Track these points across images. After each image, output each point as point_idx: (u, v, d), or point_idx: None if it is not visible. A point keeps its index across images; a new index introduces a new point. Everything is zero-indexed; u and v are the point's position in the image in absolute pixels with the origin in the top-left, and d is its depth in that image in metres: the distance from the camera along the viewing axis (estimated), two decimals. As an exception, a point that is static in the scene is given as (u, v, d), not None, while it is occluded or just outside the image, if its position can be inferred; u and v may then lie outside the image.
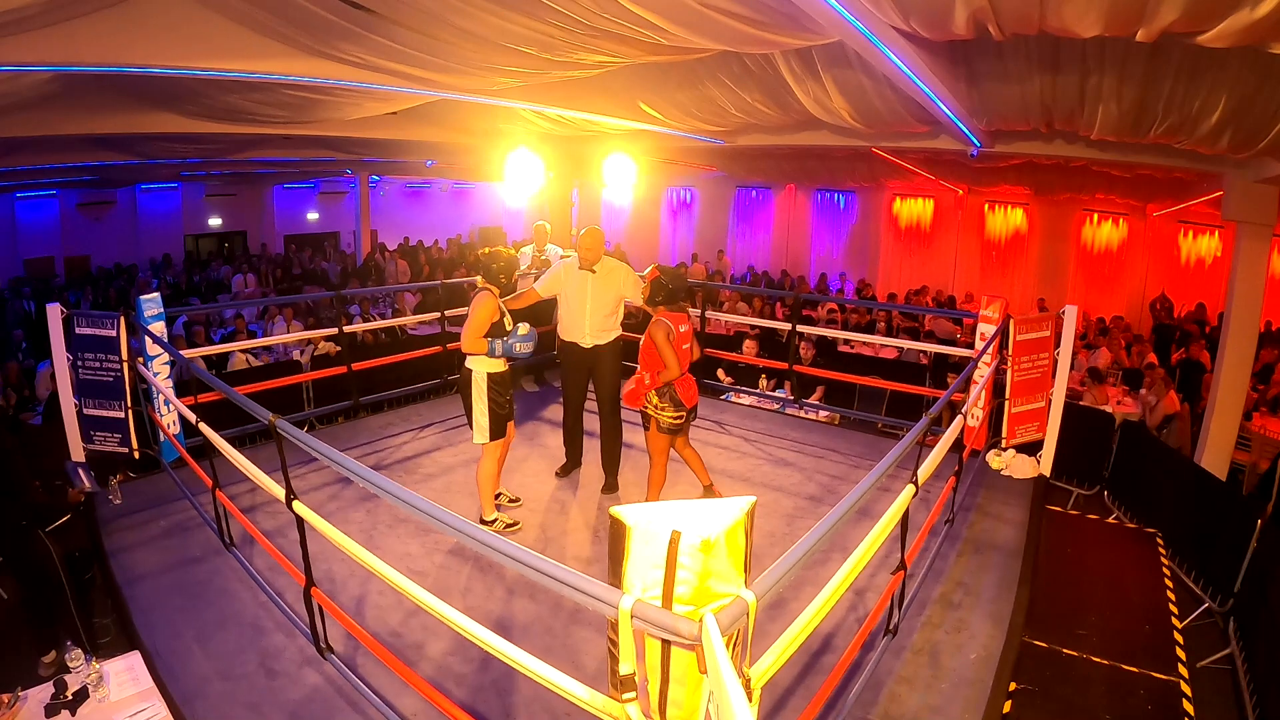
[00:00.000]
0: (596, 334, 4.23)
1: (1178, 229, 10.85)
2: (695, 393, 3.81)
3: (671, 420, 3.74)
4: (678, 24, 3.23)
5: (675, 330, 3.66)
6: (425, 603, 2.04)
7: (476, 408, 3.71)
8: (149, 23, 3.61)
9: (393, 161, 13.40)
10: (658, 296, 3.74)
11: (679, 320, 3.72)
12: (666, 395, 3.70)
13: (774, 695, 2.69)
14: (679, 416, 3.74)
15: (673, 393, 3.69)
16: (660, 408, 3.72)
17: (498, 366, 3.73)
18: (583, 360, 4.29)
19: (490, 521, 3.84)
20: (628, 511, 1.40)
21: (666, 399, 3.70)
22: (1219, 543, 4.44)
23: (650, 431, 3.82)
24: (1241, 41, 2.75)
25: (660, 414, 3.73)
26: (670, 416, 3.73)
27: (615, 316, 4.30)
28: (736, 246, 15.16)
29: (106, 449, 4.33)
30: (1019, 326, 4.78)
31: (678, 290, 3.75)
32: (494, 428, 3.74)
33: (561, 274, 4.22)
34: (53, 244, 13.41)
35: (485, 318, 3.64)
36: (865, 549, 2.16)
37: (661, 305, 3.74)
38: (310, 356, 7.39)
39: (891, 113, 5.20)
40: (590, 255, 4.11)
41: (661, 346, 3.60)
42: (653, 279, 3.77)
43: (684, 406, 3.72)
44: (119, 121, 6.17)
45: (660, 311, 3.72)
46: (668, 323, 3.65)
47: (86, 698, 2.39)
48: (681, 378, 3.71)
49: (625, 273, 4.25)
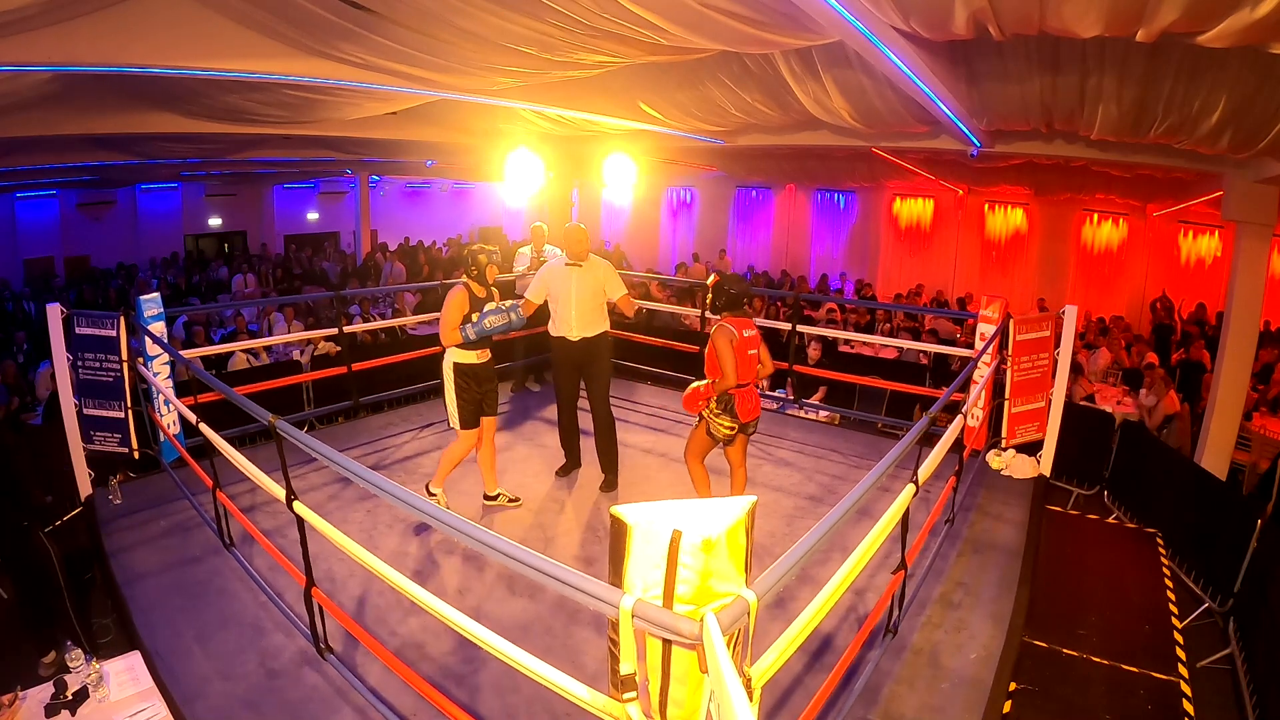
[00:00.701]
0: (584, 327, 4.27)
1: (1178, 229, 10.85)
2: (756, 406, 3.67)
3: (724, 430, 3.62)
4: (678, 24, 3.23)
5: (739, 335, 3.53)
6: (425, 603, 2.04)
7: (446, 396, 3.86)
8: (149, 23, 3.61)
9: (393, 161, 13.40)
10: (719, 301, 3.64)
11: (743, 325, 3.59)
12: (725, 405, 3.58)
13: (774, 695, 2.69)
14: (730, 427, 3.62)
15: (730, 404, 3.57)
16: (716, 414, 3.62)
17: (469, 358, 3.81)
18: (571, 355, 4.33)
19: (433, 494, 3.96)
20: (628, 511, 1.40)
21: (724, 409, 3.58)
22: (1219, 543, 4.44)
23: (695, 430, 3.73)
24: (1241, 41, 2.75)
25: (714, 420, 3.62)
26: (724, 426, 3.62)
27: (601, 311, 4.34)
28: (736, 246, 15.16)
29: (106, 449, 4.32)
30: (1019, 326, 4.78)
31: (740, 294, 3.63)
32: (464, 416, 3.83)
33: (546, 275, 4.30)
34: (53, 244, 13.41)
35: (455, 310, 3.74)
36: (865, 549, 2.15)
37: (724, 311, 3.63)
38: (310, 356, 7.39)
39: (891, 113, 5.20)
40: (575, 249, 4.19)
41: (723, 352, 3.49)
42: (714, 284, 3.66)
43: (739, 419, 3.60)
44: (119, 121, 6.17)
45: (725, 317, 3.61)
46: (731, 328, 3.54)
47: (86, 698, 2.39)
48: (744, 389, 3.59)
49: (607, 268, 4.29)
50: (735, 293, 3.63)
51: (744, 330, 3.58)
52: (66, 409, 4.19)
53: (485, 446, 4.03)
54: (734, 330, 3.54)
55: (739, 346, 3.54)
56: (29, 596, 3.49)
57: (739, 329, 3.56)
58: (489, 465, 4.09)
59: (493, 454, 4.09)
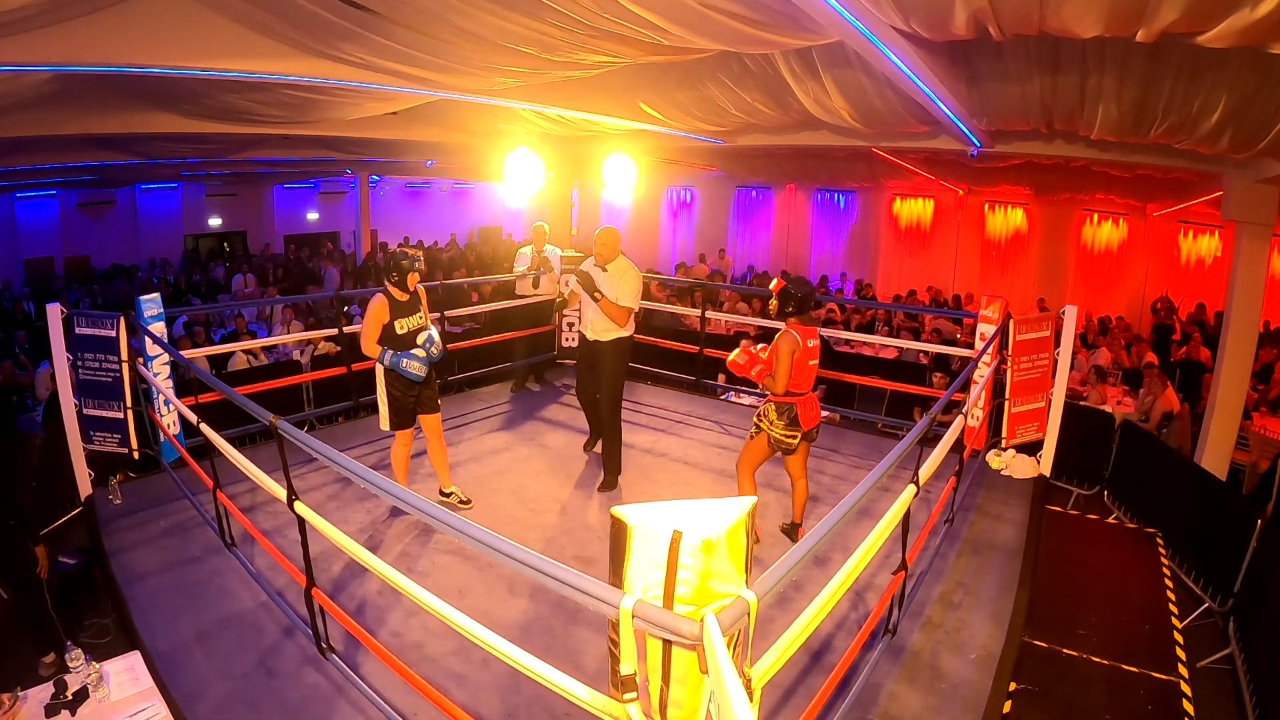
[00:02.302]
0: (598, 330, 4.33)
1: (1178, 229, 10.85)
2: (817, 414, 3.58)
3: (783, 436, 3.51)
4: (678, 24, 3.23)
5: (803, 345, 3.41)
6: (425, 603, 2.04)
7: (378, 395, 3.87)
8: (149, 23, 3.61)
9: (393, 161, 13.38)
10: (787, 307, 3.47)
11: (808, 335, 3.46)
12: (786, 412, 3.48)
13: (774, 695, 2.69)
14: (792, 435, 3.50)
15: (792, 411, 3.47)
16: (774, 423, 3.51)
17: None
18: (587, 352, 4.47)
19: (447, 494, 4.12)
20: (629, 511, 1.40)
21: (785, 416, 3.48)
22: (1219, 543, 4.44)
23: (754, 440, 3.60)
24: (1241, 41, 2.75)
25: (773, 429, 3.52)
26: (782, 433, 3.50)
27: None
28: (736, 246, 15.16)
29: (106, 449, 4.33)
30: (1019, 326, 4.78)
31: (807, 299, 3.47)
32: (393, 418, 3.86)
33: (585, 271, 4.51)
34: (53, 244, 13.41)
35: (373, 321, 3.71)
36: (866, 549, 2.15)
37: (792, 317, 3.47)
38: (310, 356, 7.39)
39: (891, 113, 5.20)
40: (603, 252, 4.28)
41: (781, 359, 3.38)
42: (779, 290, 3.50)
43: (800, 427, 3.50)
44: (119, 121, 6.17)
45: (791, 323, 3.46)
46: (796, 335, 3.41)
47: (86, 698, 2.39)
48: (804, 397, 3.49)
49: (628, 277, 4.28)
50: (802, 296, 3.46)
51: (808, 340, 3.46)
52: (66, 409, 4.19)
53: (433, 442, 4.00)
54: (799, 339, 3.41)
55: (800, 357, 3.42)
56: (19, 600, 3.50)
57: (804, 338, 3.43)
58: (440, 463, 4.08)
59: (443, 450, 4.05)
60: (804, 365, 3.46)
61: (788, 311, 3.48)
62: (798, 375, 3.46)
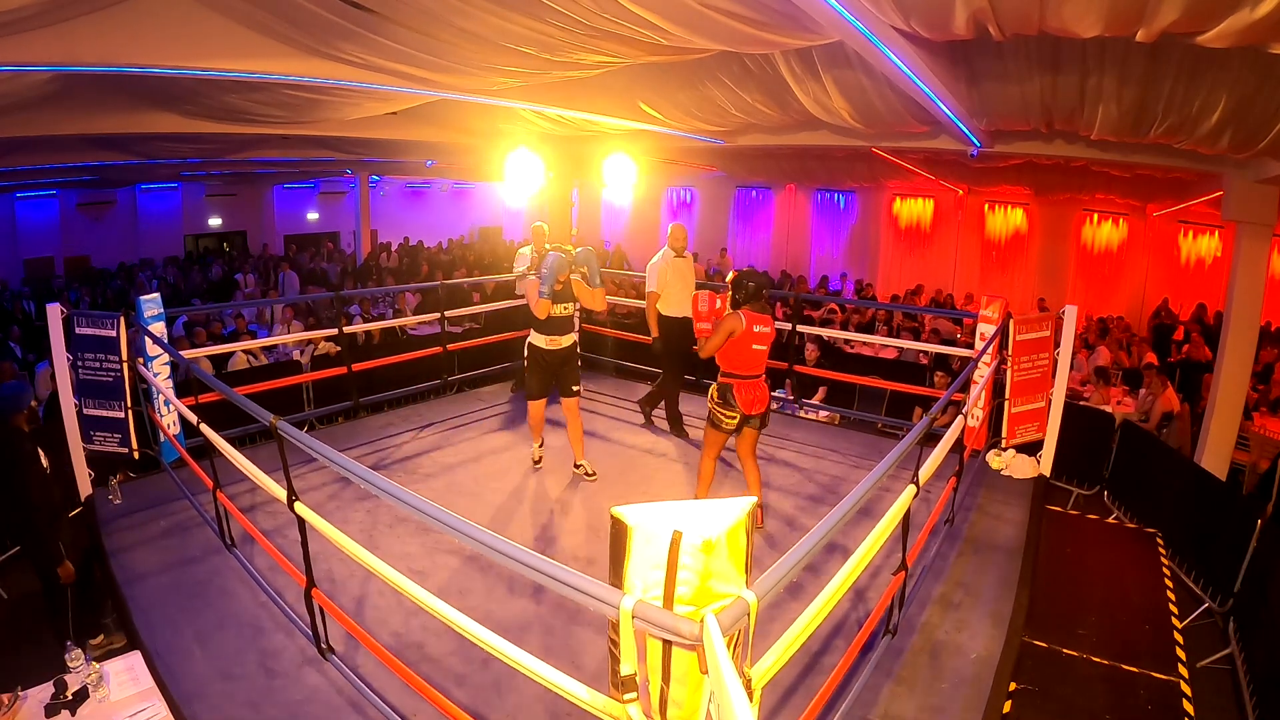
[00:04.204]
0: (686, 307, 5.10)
1: (1178, 229, 10.85)
2: (761, 400, 3.75)
3: (718, 413, 3.73)
4: (678, 24, 3.23)
5: (747, 328, 3.61)
6: (425, 603, 2.04)
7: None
8: (149, 23, 3.61)
9: (393, 161, 13.39)
10: (738, 295, 3.72)
11: (756, 320, 3.66)
12: (723, 392, 3.71)
13: (774, 695, 2.69)
14: (729, 416, 3.71)
15: (728, 391, 3.69)
16: (712, 398, 3.76)
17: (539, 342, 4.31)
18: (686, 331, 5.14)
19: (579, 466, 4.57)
20: (629, 512, 1.40)
21: (722, 395, 3.71)
22: (1219, 543, 4.44)
23: (706, 425, 3.87)
24: (1241, 41, 2.75)
25: (716, 410, 3.75)
26: (719, 410, 3.73)
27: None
28: (736, 246, 15.16)
29: (106, 449, 4.32)
30: (1019, 326, 4.77)
31: (759, 289, 3.72)
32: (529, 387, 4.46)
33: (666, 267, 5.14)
34: (53, 244, 13.41)
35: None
36: (866, 549, 2.15)
37: (743, 304, 3.70)
38: (310, 357, 7.39)
39: (891, 113, 5.20)
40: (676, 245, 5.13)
41: (718, 331, 3.64)
42: (733, 280, 3.77)
43: (736, 409, 3.69)
44: (119, 121, 6.17)
45: (744, 310, 3.68)
46: (741, 317, 3.62)
47: (86, 698, 2.39)
48: (744, 380, 3.69)
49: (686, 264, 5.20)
50: (753, 285, 3.71)
51: (755, 325, 3.64)
52: (66, 409, 4.19)
53: (570, 421, 4.50)
54: (744, 321, 3.61)
55: (742, 338, 3.61)
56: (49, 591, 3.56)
57: (751, 323, 3.62)
58: (576, 438, 4.55)
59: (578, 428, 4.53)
60: (745, 348, 3.64)
61: (738, 299, 3.74)
62: (737, 357, 3.66)
